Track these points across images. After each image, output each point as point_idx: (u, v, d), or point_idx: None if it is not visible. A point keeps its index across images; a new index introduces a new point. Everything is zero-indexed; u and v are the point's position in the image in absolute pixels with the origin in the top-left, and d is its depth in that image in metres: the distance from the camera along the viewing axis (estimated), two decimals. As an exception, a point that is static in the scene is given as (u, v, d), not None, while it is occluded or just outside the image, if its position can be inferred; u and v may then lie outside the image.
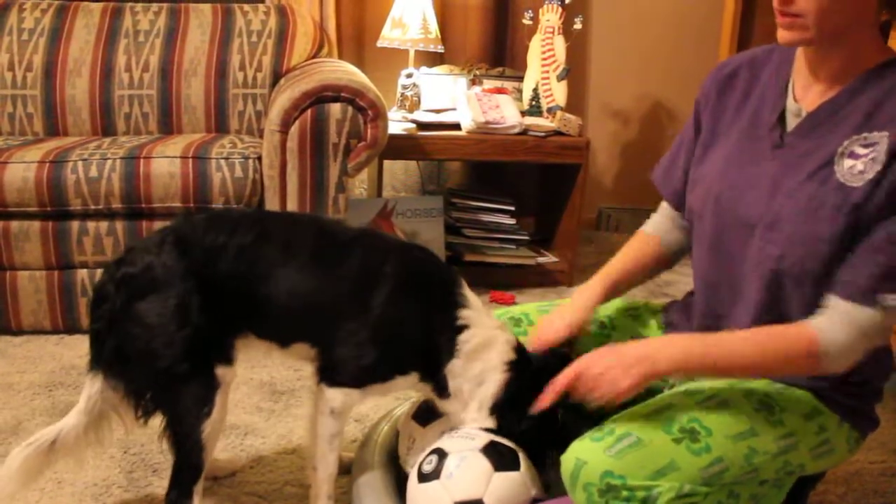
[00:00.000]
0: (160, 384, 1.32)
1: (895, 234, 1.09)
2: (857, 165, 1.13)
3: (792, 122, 1.24)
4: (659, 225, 1.52)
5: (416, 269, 1.39)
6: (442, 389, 1.36)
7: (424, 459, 1.30)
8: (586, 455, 1.13)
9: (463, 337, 1.33)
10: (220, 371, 1.34)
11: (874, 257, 1.10)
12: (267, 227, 1.38)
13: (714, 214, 1.31)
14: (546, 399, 1.26)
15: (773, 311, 1.23)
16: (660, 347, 1.20)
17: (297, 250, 1.36)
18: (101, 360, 1.36)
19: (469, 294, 1.38)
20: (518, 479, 1.26)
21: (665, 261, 1.52)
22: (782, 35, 1.16)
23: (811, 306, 1.16)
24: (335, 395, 1.37)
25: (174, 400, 1.33)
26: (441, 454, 1.28)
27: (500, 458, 1.27)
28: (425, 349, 1.35)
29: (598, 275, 1.47)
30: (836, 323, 1.13)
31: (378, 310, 1.33)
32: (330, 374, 1.37)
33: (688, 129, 1.43)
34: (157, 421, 1.35)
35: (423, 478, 1.27)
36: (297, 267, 1.35)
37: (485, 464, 1.26)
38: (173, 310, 1.30)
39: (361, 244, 1.38)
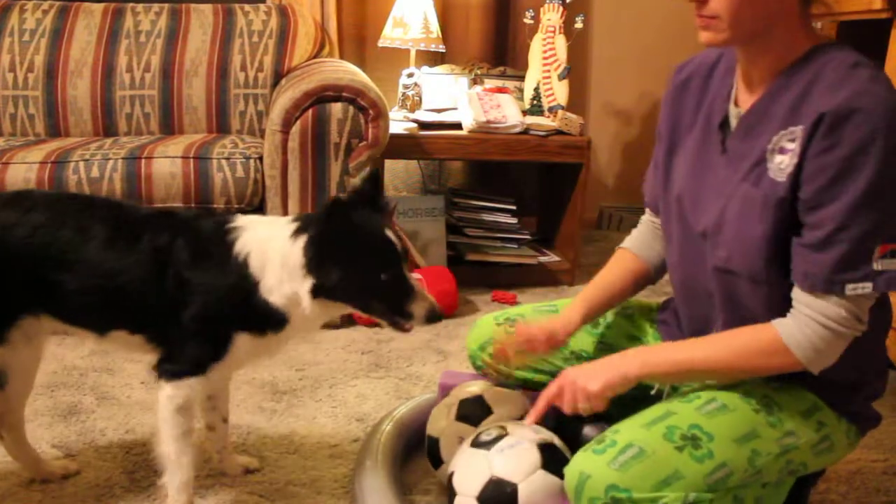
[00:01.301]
0: None
1: (842, 220, 1.07)
2: (784, 160, 1.13)
3: (734, 127, 1.24)
4: (637, 239, 1.53)
5: (202, 235, 1.35)
6: (289, 310, 1.33)
7: (486, 430, 1.36)
8: (590, 468, 1.12)
9: (251, 267, 1.31)
10: None
11: (829, 246, 1.09)
12: (65, 210, 1.35)
13: (679, 220, 1.33)
14: (536, 413, 1.31)
15: (737, 312, 1.24)
16: (628, 355, 1.24)
17: (92, 234, 1.33)
18: None
19: (238, 224, 1.36)
20: (557, 486, 1.27)
21: (646, 276, 1.51)
22: (701, 36, 1.17)
23: (777, 306, 1.16)
24: (176, 390, 1.33)
25: None
26: (502, 431, 1.34)
27: (551, 460, 1.30)
28: (239, 302, 1.32)
29: (578, 298, 1.48)
30: (799, 317, 1.13)
31: (181, 288, 1.30)
32: (166, 367, 1.34)
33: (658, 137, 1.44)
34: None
35: (476, 444, 1.34)
36: (93, 251, 1.32)
37: (535, 457, 1.30)
38: None
39: (149, 226, 1.35)
